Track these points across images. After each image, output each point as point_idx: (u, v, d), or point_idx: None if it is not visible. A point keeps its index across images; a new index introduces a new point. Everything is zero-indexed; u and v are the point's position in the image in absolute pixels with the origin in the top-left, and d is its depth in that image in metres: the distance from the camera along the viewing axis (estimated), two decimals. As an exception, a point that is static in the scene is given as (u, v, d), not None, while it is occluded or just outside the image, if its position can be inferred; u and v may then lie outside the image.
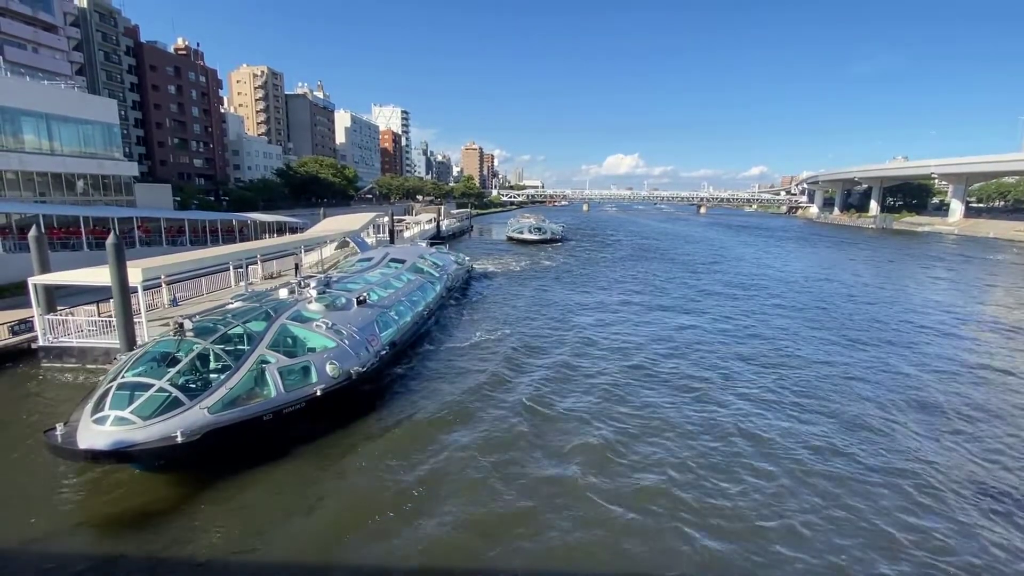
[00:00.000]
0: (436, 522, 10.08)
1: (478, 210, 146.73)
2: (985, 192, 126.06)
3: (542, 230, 68.53)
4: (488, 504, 10.72)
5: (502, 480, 11.55)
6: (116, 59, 66.82)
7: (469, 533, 9.83)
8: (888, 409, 15.74)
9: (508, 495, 11.01)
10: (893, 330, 25.36)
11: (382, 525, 10.02)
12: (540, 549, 9.44)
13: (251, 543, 9.50)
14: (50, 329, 17.99)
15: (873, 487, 11.52)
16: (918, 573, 9.07)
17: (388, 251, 30.96)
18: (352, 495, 11.08)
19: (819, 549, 9.56)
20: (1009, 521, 10.45)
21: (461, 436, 13.50)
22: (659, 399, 16.22)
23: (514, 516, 10.35)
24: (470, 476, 11.69)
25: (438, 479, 11.52)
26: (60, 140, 37.80)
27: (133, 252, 29.78)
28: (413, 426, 14.10)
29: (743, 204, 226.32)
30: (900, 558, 9.39)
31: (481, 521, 10.18)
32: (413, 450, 12.78)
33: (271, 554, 9.22)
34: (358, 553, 9.31)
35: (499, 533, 9.84)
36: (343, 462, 12.28)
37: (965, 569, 9.14)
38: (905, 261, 57.67)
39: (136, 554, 9.09)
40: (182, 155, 77.72)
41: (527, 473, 11.85)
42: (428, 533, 9.78)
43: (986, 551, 9.60)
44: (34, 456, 12.00)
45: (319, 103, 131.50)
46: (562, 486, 11.35)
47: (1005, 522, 10.41)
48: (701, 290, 35.62)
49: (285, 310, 15.58)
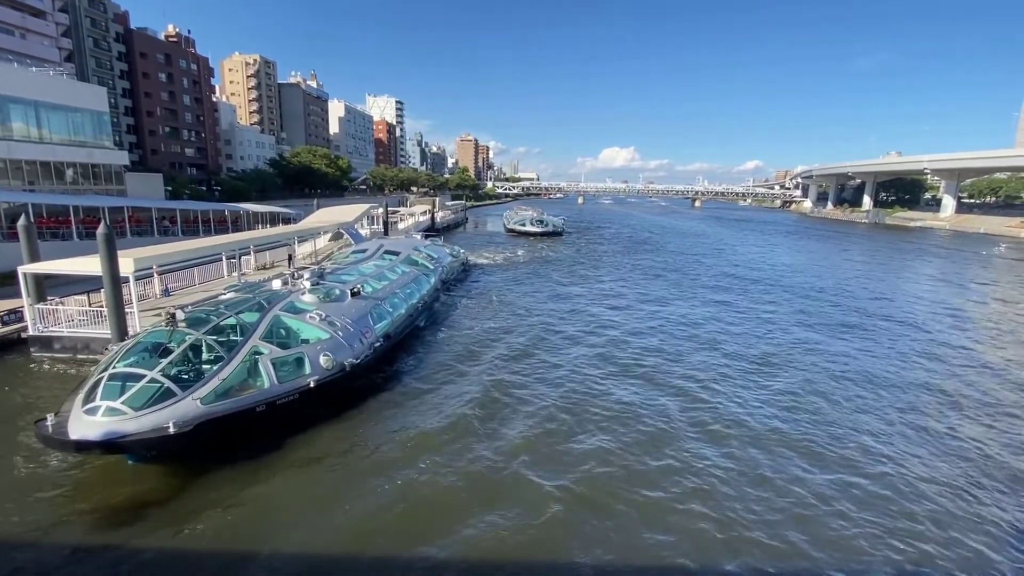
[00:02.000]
0: (431, 514, 10.13)
1: (473, 202, 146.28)
2: (977, 188, 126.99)
3: (544, 223, 68.34)
4: (484, 496, 10.77)
5: (495, 471, 11.61)
6: (106, 46, 65.78)
7: (465, 526, 9.87)
8: (874, 387, 15.97)
9: (500, 486, 11.08)
10: (881, 320, 25.62)
11: (376, 516, 10.05)
12: (530, 540, 9.51)
13: (243, 534, 9.51)
14: (40, 319, 17.82)
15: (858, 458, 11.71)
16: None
17: (382, 243, 30.86)
18: (345, 486, 11.08)
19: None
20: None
21: (456, 429, 13.52)
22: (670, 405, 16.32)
23: (507, 507, 10.40)
24: (465, 468, 11.73)
25: (431, 472, 11.54)
26: (49, 128, 37.21)
27: (124, 242, 29.47)
28: (407, 418, 14.11)
29: (738, 198, 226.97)
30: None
31: (477, 513, 10.23)
32: (408, 443, 12.79)
33: (262, 545, 9.22)
34: (350, 544, 9.35)
35: (495, 526, 9.89)
36: (336, 454, 12.28)
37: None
38: (897, 256, 58.10)
39: (127, 546, 9.07)
40: (173, 144, 76.86)
41: (522, 467, 11.92)
42: (424, 529, 9.81)
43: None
44: (24, 447, 11.92)
45: (313, 92, 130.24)
46: (557, 479, 11.44)
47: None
48: (705, 284, 35.79)
49: (278, 301, 15.51)
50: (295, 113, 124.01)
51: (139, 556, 8.86)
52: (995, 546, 9.62)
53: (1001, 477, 11.96)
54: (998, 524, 10.24)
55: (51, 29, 53.65)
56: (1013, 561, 9.26)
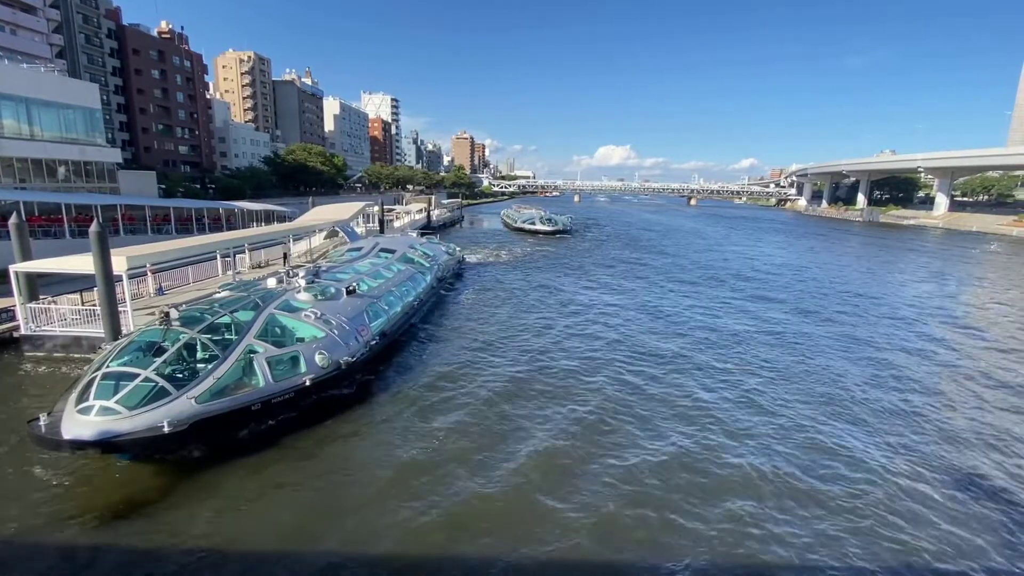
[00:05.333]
0: (428, 513, 10.11)
1: (469, 200, 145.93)
2: (970, 186, 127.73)
3: (553, 221, 67.86)
4: (480, 493, 10.76)
5: (488, 467, 11.61)
6: (98, 42, 65.13)
7: (462, 523, 9.88)
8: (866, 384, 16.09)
9: (489, 484, 11.08)
10: (872, 317, 25.80)
11: (370, 515, 10.03)
12: (523, 537, 9.52)
13: (239, 533, 9.48)
14: (32, 318, 17.68)
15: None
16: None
17: (378, 241, 30.74)
18: (340, 485, 11.06)
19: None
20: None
21: (450, 425, 13.52)
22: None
23: (503, 504, 10.43)
24: (464, 468, 11.71)
25: (427, 468, 11.54)
26: (40, 125, 36.80)
27: (117, 240, 29.27)
28: (403, 415, 14.07)
29: (733, 196, 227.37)
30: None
31: (476, 511, 10.24)
32: (404, 440, 12.78)
33: (259, 544, 9.21)
34: (346, 543, 9.32)
35: (492, 523, 9.91)
36: (333, 452, 12.26)
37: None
38: (891, 253, 58.43)
39: (121, 545, 9.03)
40: (167, 141, 76.29)
41: (522, 467, 11.93)
42: (421, 524, 9.80)
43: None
44: (17, 446, 11.82)
45: (307, 90, 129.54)
46: (553, 471, 11.46)
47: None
48: (707, 281, 35.89)
49: (273, 299, 15.44)
50: (290, 110, 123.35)
51: (133, 556, 8.81)
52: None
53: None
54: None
55: (42, 25, 53.05)
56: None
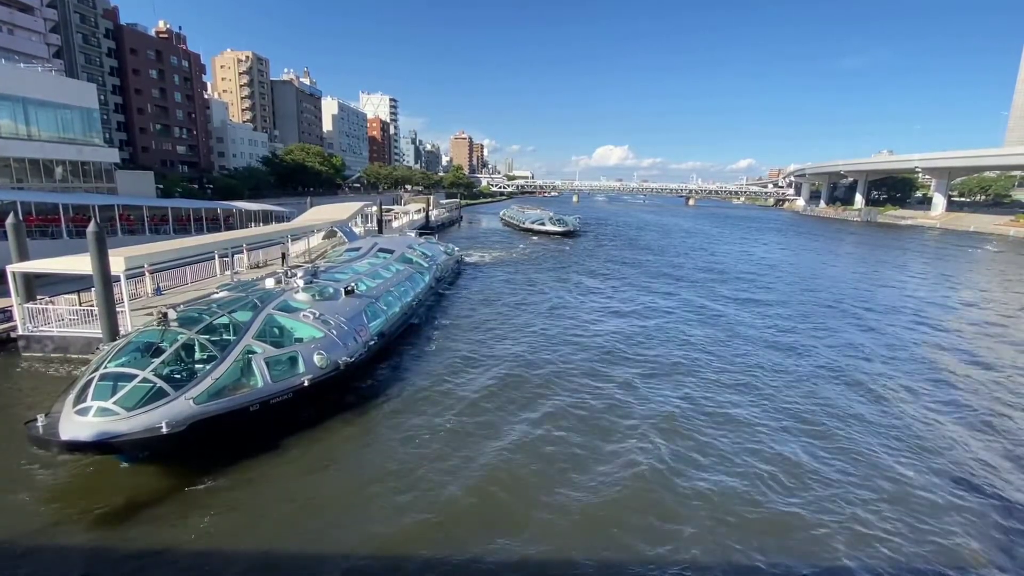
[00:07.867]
0: (426, 512, 10.10)
1: (467, 200, 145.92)
2: (967, 186, 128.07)
3: (563, 222, 67.28)
4: (480, 493, 10.75)
5: (488, 467, 11.60)
6: (95, 42, 65.00)
7: (461, 523, 9.87)
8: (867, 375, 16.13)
9: (489, 484, 11.08)
10: (886, 315, 25.86)
11: (369, 515, 10.02)
12: (518, 540, 9.51)
13: (238, 535, 9.45)
14: (30, 318, 17.61)
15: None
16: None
17: (376, 241, 30.71)
18: (340, 485, 11.05)
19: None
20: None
21: (450, 425, 13.51)
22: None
23: (503, 504, 10.42)
24: (464, 467, 11.71)
25: (427, 468, 11.52)
26: (37, 125, 36.64)
27: (115, 240, 29.15)
28: (402, 415, 14.06)
29: (731, 196, 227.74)
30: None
31: (476, 511, 10.23)
32: (404, 440, 12.77)
33: (258, 545, 9.18)
34: (345, 543, 9.29)
35: (492, 522, 9.90)
36: (331, 453, 12.25)
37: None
38: (889, 253, 58.55)
39: (119, 548, 8.99)
40: (165, 142, 76.12)
41: (513, 458, 11.93)
42: (420, 524, 9.79)
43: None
44: (14, 448, 11.76)
45: (306, 90, 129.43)
46: (546, 466, 11.46)
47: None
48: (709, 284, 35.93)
49: (272, 300, 15.41)
50: (288, 111, 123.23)
51: (131, 558, 8.78)
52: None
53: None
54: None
55: (39, 24, 52.92)
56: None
